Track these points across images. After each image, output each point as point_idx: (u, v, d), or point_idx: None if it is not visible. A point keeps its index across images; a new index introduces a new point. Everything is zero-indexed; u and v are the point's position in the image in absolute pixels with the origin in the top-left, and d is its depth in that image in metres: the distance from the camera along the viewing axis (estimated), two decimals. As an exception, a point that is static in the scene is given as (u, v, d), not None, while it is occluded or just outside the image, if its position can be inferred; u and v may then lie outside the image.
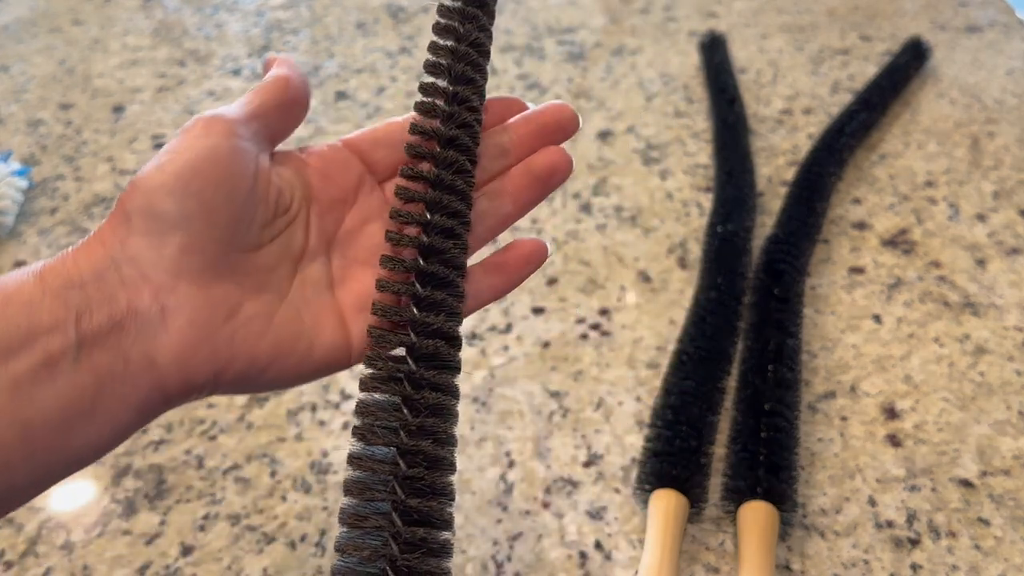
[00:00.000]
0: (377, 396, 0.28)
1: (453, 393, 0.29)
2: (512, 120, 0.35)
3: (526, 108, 0.35)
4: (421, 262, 0.30)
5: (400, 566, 0.26)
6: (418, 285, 0.29)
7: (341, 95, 0.80)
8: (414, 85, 0.80)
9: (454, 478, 0.29)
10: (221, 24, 0.92)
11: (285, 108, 0.32)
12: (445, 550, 0.27)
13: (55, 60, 0.87)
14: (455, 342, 0.30)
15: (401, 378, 0.29)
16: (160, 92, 0.82)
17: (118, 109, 0.80)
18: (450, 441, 0.29)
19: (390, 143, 0.34)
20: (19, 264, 0.64)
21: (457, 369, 0.30)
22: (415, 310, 0.29)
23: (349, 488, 0.27)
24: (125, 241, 0.28)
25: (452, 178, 0.31)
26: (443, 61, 0.32)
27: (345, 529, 0.27)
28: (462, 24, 0.33)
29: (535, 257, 0.33)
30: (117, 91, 0.82)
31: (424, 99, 0.32)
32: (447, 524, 0.28)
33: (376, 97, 0.79)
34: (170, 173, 0.28)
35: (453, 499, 0.28)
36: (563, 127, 0.34)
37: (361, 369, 0.30)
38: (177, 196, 0.28)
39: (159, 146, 0.75)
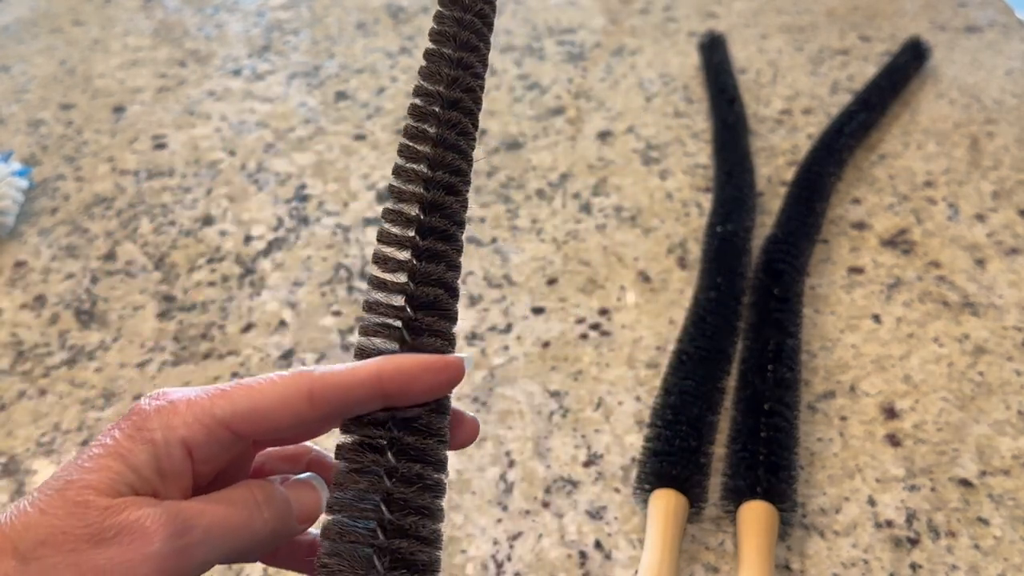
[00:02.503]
0: (376, 341, 0.29)
1: (450, 340, 0.30)
2: None
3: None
4: (422, 215, 0.30)
5: (395, 499, 0.27)
6: (419, 237, 0.30)
7: (341, 95, 0.80)
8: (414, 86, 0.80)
9: (447, 421, 0.29)
10: (221, 24, 0.92)
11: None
12: (439, 488, 0.28)
13: (56, 60, 0.88)
14: (454, 293, 0.30)
15: (400, 325, 0.29)
16: (161, 92, 0.82)
17: (119, 109, 0.80)
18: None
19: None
20: (20, 264, 0.64)
21: (454, 319, 0.30)
22: (415, 260, 0.29)
23: (347, 428, 0.28)
24: None
25: (455, 138, 0.31)
26: (448, 29, 0.32)
27: (343, 463, 0.28)
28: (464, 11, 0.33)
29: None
30: (118, 91, 0.83)
31: (429, 65, 0.32)
32: (442, 464, 0.28)
33: (376, 97, 0.79)
34: None
35: (447, 443, 0.29)
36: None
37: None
38: None
39: (160, 146, 0.75)
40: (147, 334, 0.58)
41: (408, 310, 0.29)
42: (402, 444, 0.27)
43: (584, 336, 0.56)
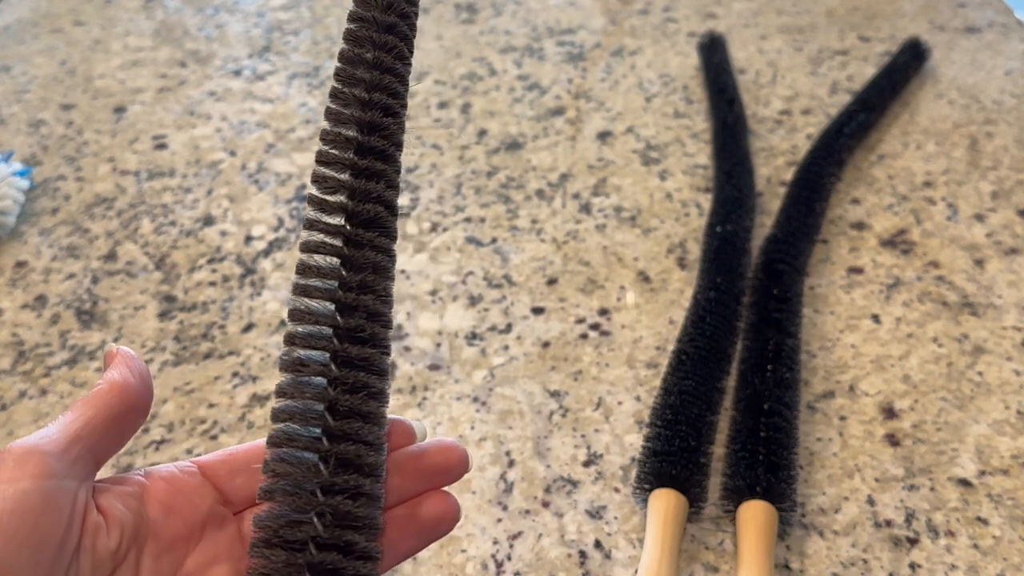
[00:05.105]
0: (317, 258, 0.29)
1: (391, 256, 0.30)
2: (393, 460, 0.31)
3: (413, 435, 0.32)
4: (360, 136, 0.30)
5: (339, 408, 0.28)
6: (356, 156, 0.30)
7: (341, 96, 0.80)
8: (413, 86, 0.80)
9: (391, 333, 0.30)
10: (222, 25, 0.92)
11: (118, 422, 0.28)
12: (383, 396, 0.29)
13: (56, 61, 0.88)
14: (393, 210, 0.30)
15: (339, 242, 0.29)
16: (161, 93, 0.82)
17: (119, 110, 0.80)
18: (388, 300, 0.30)
19: (249, 470, 0.30)
20: (20, 264, 0.64)
21: (394, 237, 0.31)
22: (354, 178, 0.30)
23: (291, 339, 0.29)
24: None
25: (392, 62, 0.31)
26: None
27: (287, 376, 0.28)
28: None
29: (449, 515, 0.31)
30: (118, 92, 0.83)
31: None
32: (384, 373, 0.29)
33: (376, 98, 0.79)
34: None
35: (389, 353, 0.30)
36: (451, 470, 0.31)
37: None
38: None
39: (160, 147, 0.75)
40: (148, 334, 0.58)
41: (348, 227, 0.29)
42: (346, 354, 0.29)
43: (584, 336, 0.56)
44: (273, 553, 0.26)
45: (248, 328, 0.58)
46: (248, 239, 0.65)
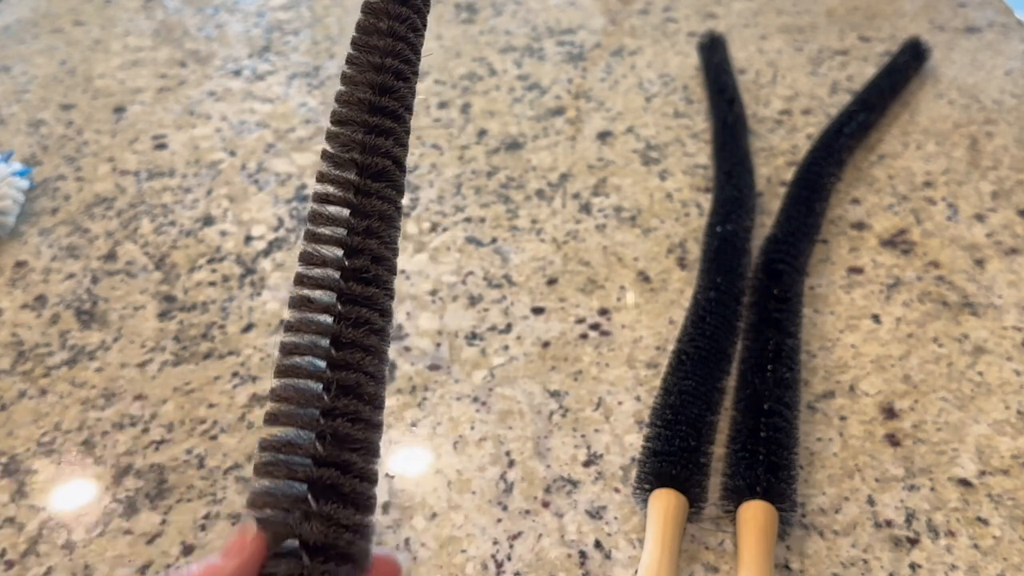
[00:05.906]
0: (328, 207, 0.31)
1: (397, 207, 0.32)
2: None
3: (399, 571, 0.30)
4: (372, 96, 0.32)
5: (342, 340, 0.30)
6: (368, 115, 0.32)
7: (341, 96, 0.80)
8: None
9: (395, 280, 0.32)
10: (222, 25, 0.92)
11: None
12: (384, 333, 0.31)
13: (56, 61, 0.88)
14: (401, 166, 0.32)
15: (349, 192, 0.31)
16: (161, 92, 0.82)
17: (119, 110, 0.80)
18: (393, 248, 0.32)
19: None
20: (20, 264, 0.64)
21: (401, 191, 0.32)
22: (365, 135, 0.31)
23: (299, 279, 0.30)
24: None
25: (406, 31, 0.32)
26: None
27: (295, 312, 0.30)
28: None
29: None
30: (118, 92, 0.83)
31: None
32: (387, 313, 0.31)
33: (376, 98, 0.79)
34: None
35: (393, 296, 0.31)
36: None
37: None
38: None
39: (160, 147, 0.75)
40: (148, 334, 0.58)
41: (357, 178, 0.31)
42: (351, 291, 0.30)
43: (584, 336, 0.56)
44: (276, 470, 0.28)
45: (248, 328, 0.58)
46: (248, 239, 0.65)
